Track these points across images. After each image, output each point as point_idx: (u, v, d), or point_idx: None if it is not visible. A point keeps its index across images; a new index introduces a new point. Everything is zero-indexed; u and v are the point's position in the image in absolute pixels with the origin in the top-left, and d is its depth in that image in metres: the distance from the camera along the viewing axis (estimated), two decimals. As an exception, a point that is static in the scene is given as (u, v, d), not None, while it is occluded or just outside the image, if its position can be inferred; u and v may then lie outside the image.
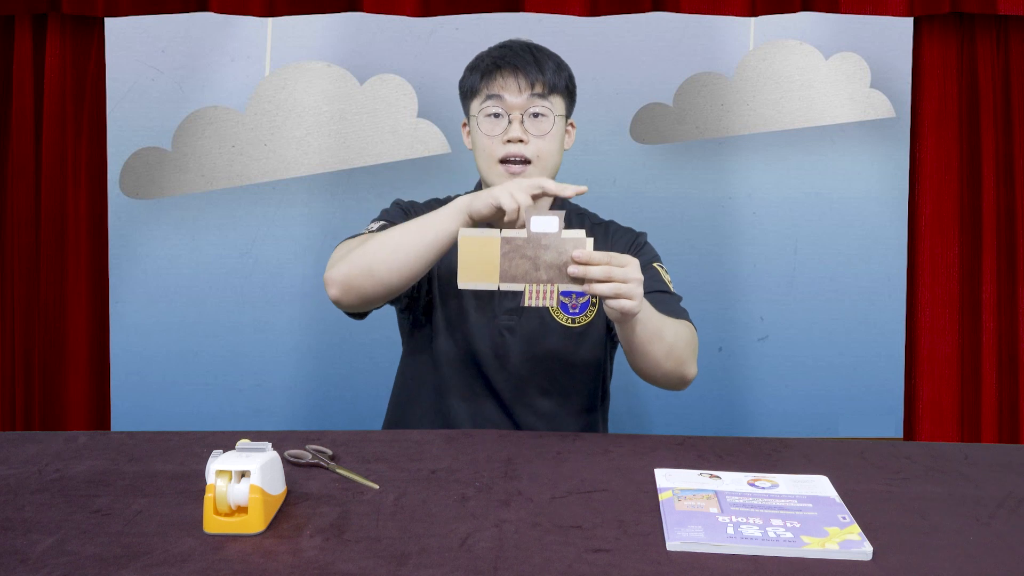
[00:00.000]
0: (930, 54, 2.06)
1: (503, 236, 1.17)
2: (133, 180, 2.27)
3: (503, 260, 1.17)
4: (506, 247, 1.17)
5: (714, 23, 2.26)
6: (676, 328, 1.34)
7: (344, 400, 2.34)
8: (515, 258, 1.17)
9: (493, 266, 1.17)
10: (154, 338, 2.31)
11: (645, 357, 1.31)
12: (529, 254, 1.17)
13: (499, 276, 1.17)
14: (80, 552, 0.90)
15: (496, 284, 1.18)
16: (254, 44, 2.28)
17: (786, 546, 0.92)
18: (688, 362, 1.35)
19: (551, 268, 1.17)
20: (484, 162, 1.46)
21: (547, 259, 1.17)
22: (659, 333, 1.29)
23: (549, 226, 1.17)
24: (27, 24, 2.00)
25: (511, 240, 1.17)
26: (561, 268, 1.17)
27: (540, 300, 1.18)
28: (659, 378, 1.35)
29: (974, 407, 2.09)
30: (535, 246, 1.17)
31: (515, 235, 1.17)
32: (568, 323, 1.48)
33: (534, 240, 1.17)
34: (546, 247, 1.17)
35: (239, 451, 1.00)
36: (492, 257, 1.17)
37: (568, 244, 1.16)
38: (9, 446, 1.23)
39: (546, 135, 1.44)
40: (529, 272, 1.17)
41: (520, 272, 1.17)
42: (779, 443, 1.28)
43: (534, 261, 1.17)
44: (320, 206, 2.32)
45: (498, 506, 1.03)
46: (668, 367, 1.32)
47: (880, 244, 2.36)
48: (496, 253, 1.17)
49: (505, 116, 1.43)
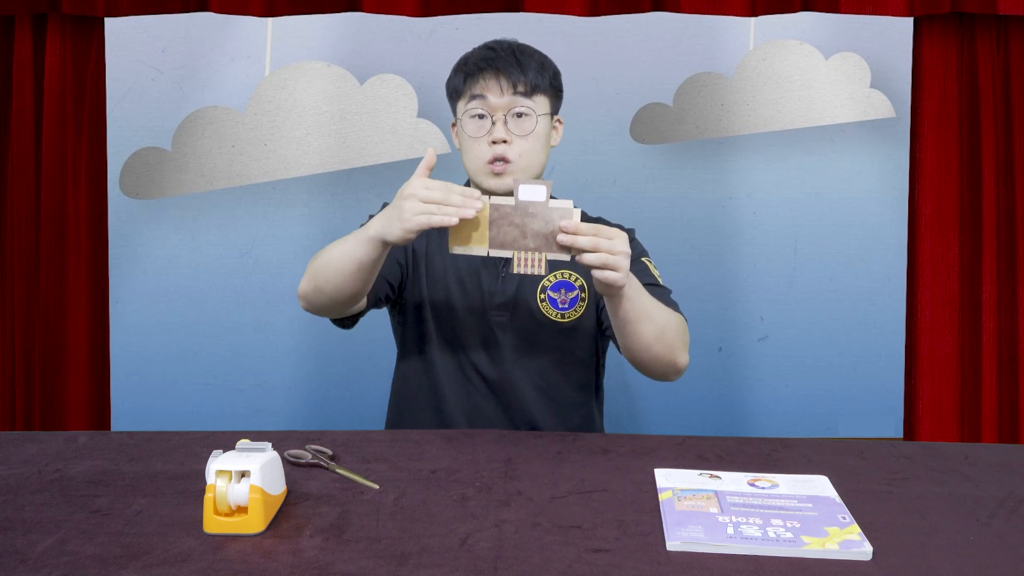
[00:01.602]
0: (930, 54, 2.06)
1: (492, 203, 1.18)
2: (133, 180, 2.27)
3: (492, 227, 1.18)
4: (495, 214, 1.18)
5: (714, 23, 2.26)
6: (666, 313, 1.34)
7: (344, 400, 2.34)
8: (503, 225, 1.18)
9: (482, 232, 1.18)
10: (154, 338, 2.31)
11: (635, 337, 1.31)
12: (517, 221, 1.18)
13: (488, 242, 1.18)
14: (80, 552, 0.90)
15: (486, 250, 1.19)
16: (254, 44, 2.28)
17: (786, 546, 0.92)
18: (678, 349, 1.35)
19: (538, 236, 1.18)
20: (471, 163, 1.47)
21: (534, 227, 1.18)
22: (648, 313, 1.30)
23: (536, 194, 1.17)
24: (27, 24, 2.00)
25: (499, 207, 1.18)
26: (548, 237, 1.17)
27: (529, 268, 1.19)
28: (649, 362, 1.34)
29: (974, 407, 2.09)
30: (523, 214, 1.18)
31: (503, 202, 1.18)
32: (558, 319, 1.49)
33: (522, 208, 1.17)
34: (533, 215, 1.17)
35: (239, 451, 1.00)
36: (481, 223, 1.18)
37: (555, 214, 1.17)
38: (9, 446, 1.23)
39: (529, 135, 1.45)
40: (517, 240, 1.18)
41: (509, 239, 1.18)
42: (779, 443, 1.28)
43: (522, 229, 1.18)
44: (320, 206, 2.32)
45: (498, 506, 1.03)
46: (658, 350, 1.32)
47: (880, 244, 2.36)
48: (485, 219, 1.18)
49: (488, 117, 1.44)
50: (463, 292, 1.49)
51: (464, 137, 1.47)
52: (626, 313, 1.28)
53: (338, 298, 1.35)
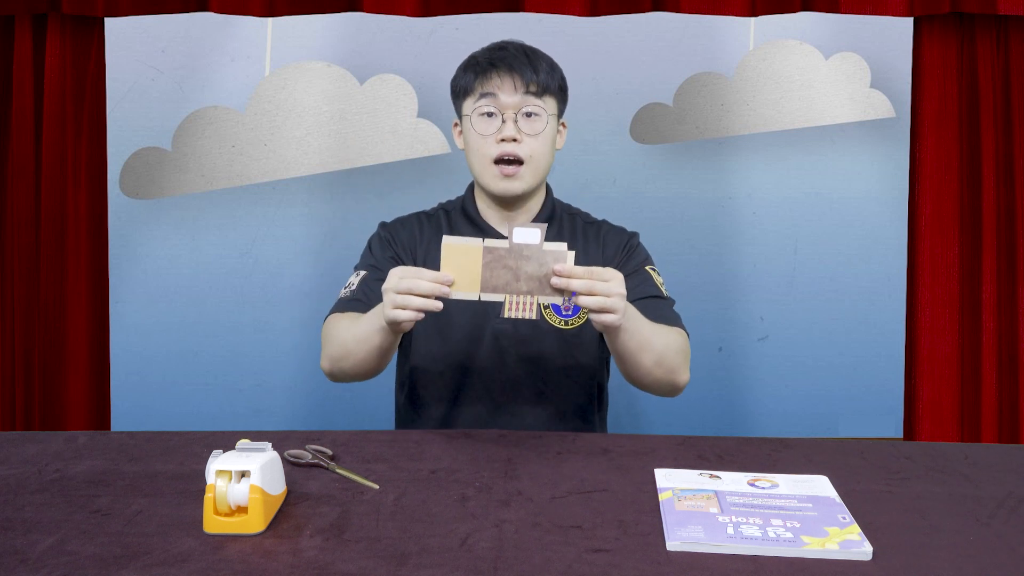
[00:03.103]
0: (930, 54, 2.06)
1: (485, 246, 1.17)
2: (133, 180, 2.27)
3: (484, 270, 1.17)
4: (488, 256, 1.17)
5: (714, 23, 2.26)
6: (667, 336, 1.35)
7: (344, 400, 2.34)
8: (496, 268, 1.17)
9: (474, 276, 1.18)
10: (154, 338, 2.31)
11: (634, 366, 1.32)
12: (510, 264, 1.17)
13: (480, 286, 1.18)
14: (80, 552, 0.90)
15: (477, 294, 1.18)
16: (254, 44, 2.28)
17: (786, 546, 0.92)
18: (678, 370, 1.36)
19: (531, 280, 1.17)
20: (477, 162, 1.46)
21: (528, 270, 1.17)
22: (648, 343, 1.30)
23: (531, 237, 1.17)
24: (27, 24, 2.00)
25: (493, 250, 1.17)
26: (542, 280, 1.17)
27: (520, 312, 1.19)
28: (650, 385, 1.37)
29: (974, 407, 2.09)
30: (516, 257, 1.17)
31: (497, 245, 1.17)
32: (561, 325, 1.48)
33: (516, 251, 1.17)
34: (527, 258, 1.17)
35: (239, 451, 1.00)
36: (474, 266, 1.17)
37: (549, 256, 1.17)
38: (9, 446, 1.23)
39: (539, 135, 1.44)
40: (510, 283, 1.18)
41: (501, 283, 1.18)
42: (779, 443, 1.28)
43: (515, 272, 1.17)
44: (320, 206, 2.32)
45: (498, 506, 1.03)
46: (658, 375, 1.34)
47: (880, 244, 2.36)
48: (478, 262, 1.17)
49: (499, 115, 1.43)
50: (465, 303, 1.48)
51: (471, 135, 1.45)
52: (624, 345, 1.29)
53: (364, 374, 1.39)
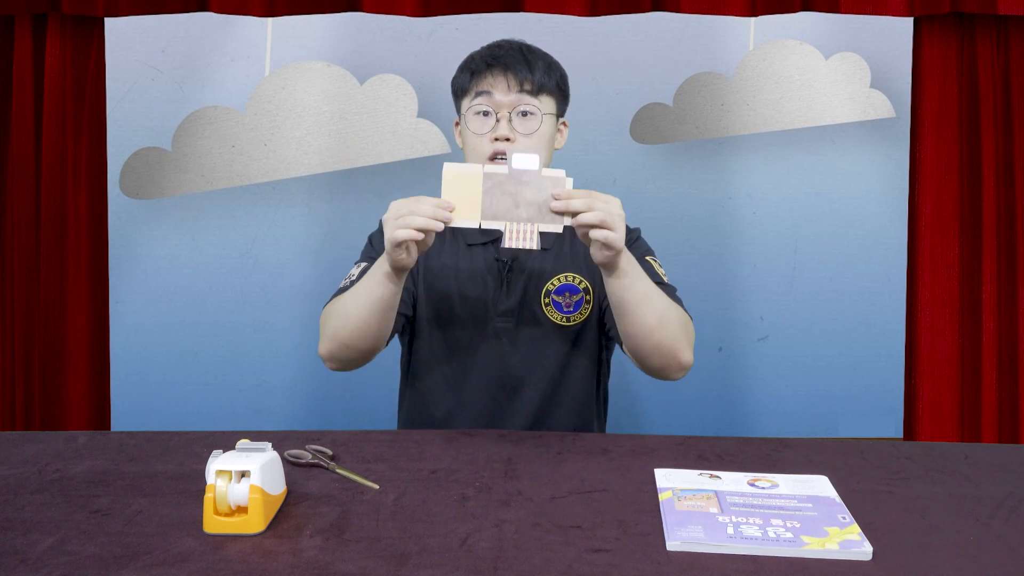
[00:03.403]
0: (930, 54, 2.06)
1: (485, 171, 1.18)
2: (133, 180, 2.27)
3: (485, 196, 1.18)
4: (488, 183, 1.18)
5: (714, 23, 2.26)
6: (667, 301, 1.33)
7: (344, 400, 2.34)
8: (496, 195, 1.18)
9: (475, 203, 1.18)
10: (154, 338, 2.31)
11: (635, 323, 1.29)
12: (510, 190, 1.18)
13: (481, 213, 1.18)
14: (80, 552, 0.90)
15: (477, 221, 1.18)
16: (254, 44, 2.28)
17: (786, 546, 0.92)
18: (681, 342, 1.32)
19: (531, 206, 1.17)
20: (472, 159, 1.47)
21: (527, 196, 1.17)
22: (647, 296, 1.29)
23: (529, 163, 1.18)
24: (27, 24, 2.00)
25: (493, 175, 1.18)
26: (541, 206, 1.17)
27: (520, 241, 1.18)
28: (651, 351, 1.31)
29: (974, 407, 2.09)
30: (516, 182, 1.18)
31: (497, 171, 1.18)
32: (563, 322, 1.48)
33: (515, 176, 1.17)
34: (527, 184, 1.17)
35: (239, 451, 1.00)
36: (474, 193, 1.18)
37: (548, 183, 1.17)
38: (9, 446, 1.23)
39: (533, 134, 1.44)
40: (510, 209, 1.18)
41: (501, 209, 1.18)
42: (779, 443, 1.28)
43: (515, 197, 1.18)
44: (320, 206, 2.32)
45: (498, 506, 1.03)
46: (659, 338, 1.30)
47: (880, 244, 2.36)
48: (478, 189, 1.18)
49: (493, 114, 1.43)
50: (467, 302, 1.48)
51: (467, 134, 1.47)
52: (624, 293, 1.27)
53: (365, 346, 1.36)
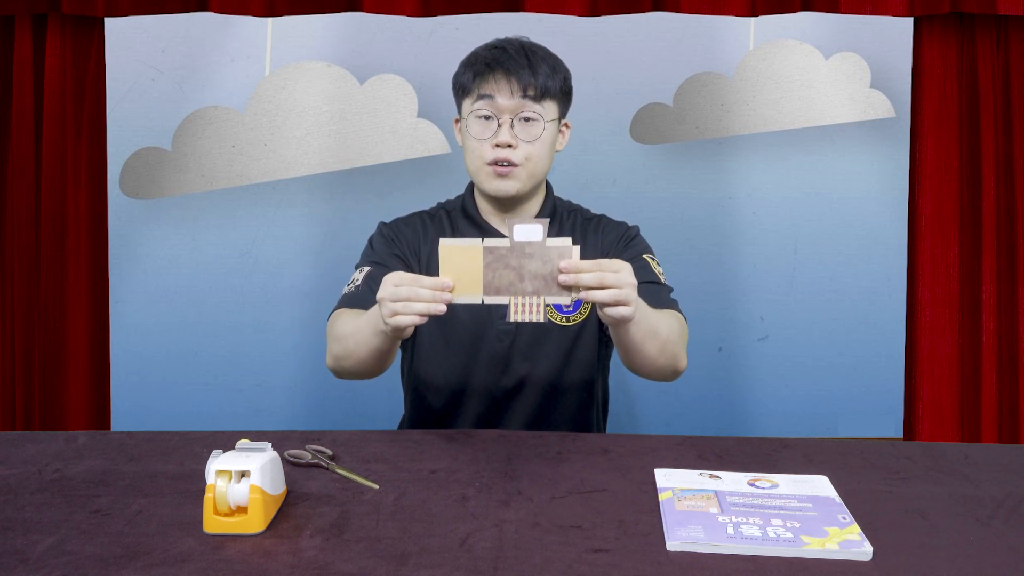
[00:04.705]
0: (930, 54, 2.06)
1: (485, 246, 1.11)
2: (133, 180, 2.27)
3: (486, 271, 1.11)
4: (488, 257, 1.11)
5: (714, 23, 2.26)
6: (668, 323, 1.34)
7: (344, 400, 2.34)
8: (499, 269, 1.11)
9: (476, 278, 1.11)
10: (154, 338, 2.31)
11: (640, 356, 1.30)
12: (513, 264, 1.11)
13: (482, 289, 1.11)
14: (80, 552, 0.90)
15: (480, 298, 1.12)
16: (254, 44, 2.28)
17: (786, 546, 0.92)
18: (680, 355, 1.35)
19: (536, 278, 1.11)
20: (472, 163, 1.46)
21: (532, 269, 1.11)
22: (654, 331, 1.28)
23: (533, 234, 1.10)
24: (27, 24, 2.00)
25: (494, 250, 1.10)
26: (547, 278, 1.11)
27: (526, 315, 1.12)
28: (652, 373, 1.35)
29: (974, 407, 2.09)
30: (519, 255, 1.10)
31: (498, 244, 1.11)
32: (563, 322, 1.48)
33: (518, 249, 1.10)
34: (531, 256, 1.10)
35: (239, 451, 1.00)
36: (475, 268, 1.11)
37: (553, 253, 1.10)
38: (9, 446, 1.23)
39: (536, 140, 1.42)
40: (514, 283, 1.11)
41: (504, 284, 1.11)
42: (779, 443, 1.28)
43: (518, 271, 1.11)
44: (320, 206, 2.32)
45: (498, 506, 1.03)
46: (661, 363, 1.32)
47: (880, 244, 2.36)
48: (479, 264, 1.11)
49: (495, 119, 1.41)
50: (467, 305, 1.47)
51: (468, 137, 1.45)
52: (632, 337, 1.25)
53: (368, 374, 1.36)
